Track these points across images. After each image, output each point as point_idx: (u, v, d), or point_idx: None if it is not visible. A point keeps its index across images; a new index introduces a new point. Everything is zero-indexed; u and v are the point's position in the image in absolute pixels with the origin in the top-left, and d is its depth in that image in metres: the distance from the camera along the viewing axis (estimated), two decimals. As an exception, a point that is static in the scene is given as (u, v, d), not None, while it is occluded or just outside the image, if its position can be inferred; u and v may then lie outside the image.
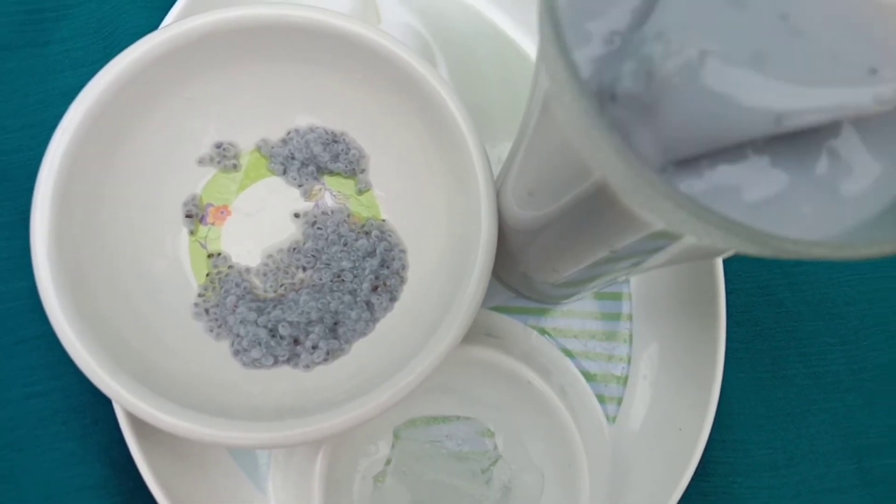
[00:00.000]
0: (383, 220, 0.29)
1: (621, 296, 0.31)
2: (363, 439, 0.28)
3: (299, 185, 0.29)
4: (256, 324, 0.26)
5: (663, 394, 0.30)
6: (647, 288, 0.31)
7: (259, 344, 0.26)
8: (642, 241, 0.16)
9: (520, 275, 0.28)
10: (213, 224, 0.28)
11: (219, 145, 0.28)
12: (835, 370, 0.32)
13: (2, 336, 0.29)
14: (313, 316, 0.27)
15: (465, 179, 0.25)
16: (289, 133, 0.29)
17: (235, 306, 0.27)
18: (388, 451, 0.28)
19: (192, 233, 0.28)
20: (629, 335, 0.31)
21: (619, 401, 0.30)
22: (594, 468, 0.28)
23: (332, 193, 0.29)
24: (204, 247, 0.28)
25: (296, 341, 0.26)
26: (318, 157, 0.28)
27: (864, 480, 0.31)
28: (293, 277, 0.28)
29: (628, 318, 0.31)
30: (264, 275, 0.28)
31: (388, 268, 0.28)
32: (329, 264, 0.28)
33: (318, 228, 0.28)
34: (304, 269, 0.28)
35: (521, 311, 0.31)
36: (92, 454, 0.28)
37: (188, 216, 0.28)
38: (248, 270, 0.28)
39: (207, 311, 0.27)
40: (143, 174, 0.26)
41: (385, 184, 0.29)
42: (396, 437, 0.28)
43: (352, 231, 0.28)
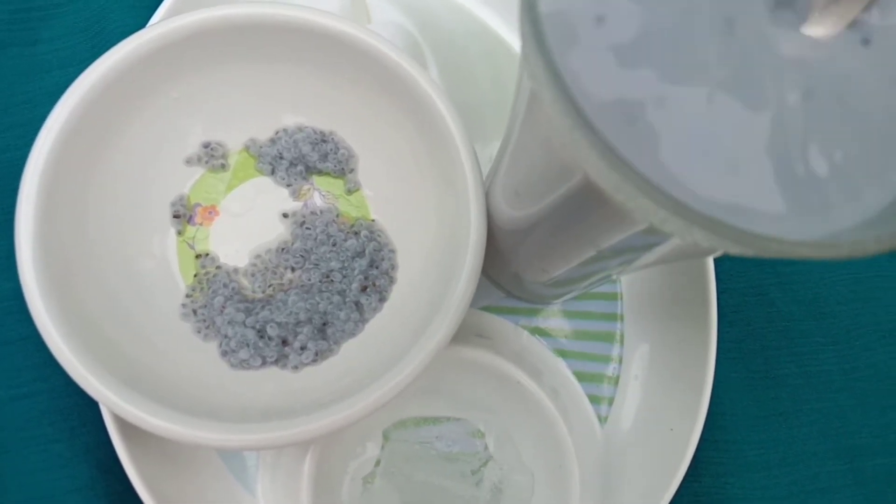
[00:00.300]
0: (372, 221, 0.29)
1: (613, 296, 0.31)
2: (352, 440, 0.28)
3: (288, 185, 0.29)
4: (244, 325, 0.26)
5: (655, 394, 0.30)
6: (638, 288, 0.31)
7: (247, 345, 0.26)
8: (628, 240, 0.16)
9: (510, 274, 0.28)
10: (201, 224, 0.28)
11: (206, 145, 0.28)
12: (827, 370, 0.32)
13: (-12, 337, 0.29)
14: (302, 317, 0.26)
15: (454, 179, 0.25)
16: (277, 133, 0.28)
17: (223, 307, 0.26)
18: (378, 453, 0.28)
19: (179, 233, 0.27)
20: (620, 335, 0.31)
21: (611, 401, 0.30)
22: (585, 469, 0.28)
23: (321, 193, 0.29)
24: (192, 247, 0.28)
25: (284, 342, 0.26)
26: (306, 157, 0.28)
27: (856, 480, 0.31)
28: (282, 278, 0.28)
29: (620, 318, 0.31)
30: (252, 275, 0.27)
31: (377, 268, 0.27)
32: (318, 265, 0.28)
33: (307, 228, 0.28)
34: (293, 269, 0.28)
35: (511, 311, 0.31)
36: (79, 456, 0.28)
37: (176, 216, 0.27)
38: (236, 271, 0.28)
39: (195, 311, 0.27)
40: (130, 174, 0.26)
41: (374, 184, 0.29)
42: (386, 438, 0.28)
43: (341, 231, 0.28)
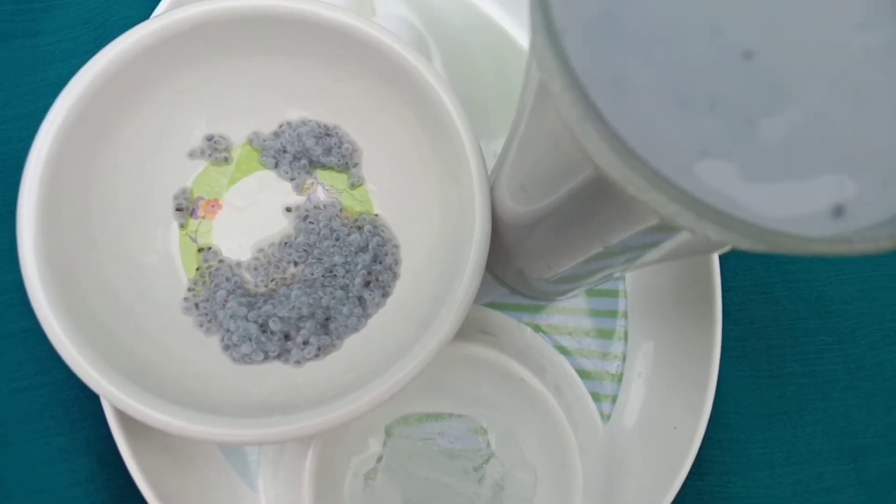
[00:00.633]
0: (376, 215, 0.28)
1: (617, 293, 0.31)
2: (354, 436, 0.28)
3: (291, 179, 0.28)
4: (247, 319, 0.26)
5: (658, 392, 0.30)
6: (642, 285, 0.31)
7: (249, 339, 0.26)
8: (636, 236, 0.16)
9: (515, 271, 0.28)
10: (203, 218, 0.28)
11: (210, 138, 0.28)
12: (832, 369, 0.32)
13: (-10, 330, 0.29)
14: (304, 311, 0.26)
15: (458, 174, 0.25)
16: (281, 126, 0.28)
17: (226, 301, 0.26)
18: (380, 449, 0.28)
19: (182, 226, 0.27)
20: (624, 332, 0.31)
21: (614, 399, 0.30)
22: (588, 466, 0.27)
23: (325, 187, 0.29)
24: (194, 241, 0.27)
25: (286, 337, 0.26)
26: (310, 151, 0.28)
27: (860, 480, 0.31)
28: (284, 272, 0.27)
29: (624, 315, 0.31)
30: (255, 269, 0.27)
31: (380, 263, 0.27)
32: (321, 259, 0.27)
33: (310, 223, 0.28)
34: (296, 263, 0.27)
35: (515, 308, 0.31)
36: (80, 449, 0.28)
37: (178, 210, 0.27)
38: (238, 265, 0.27)
39: (197, 305, 0.26)
40: (133, 167, 0.26)
41: (378, 178, 0.29)
42: (388, 434, 0.28)
43: (344, 226, 0.28)
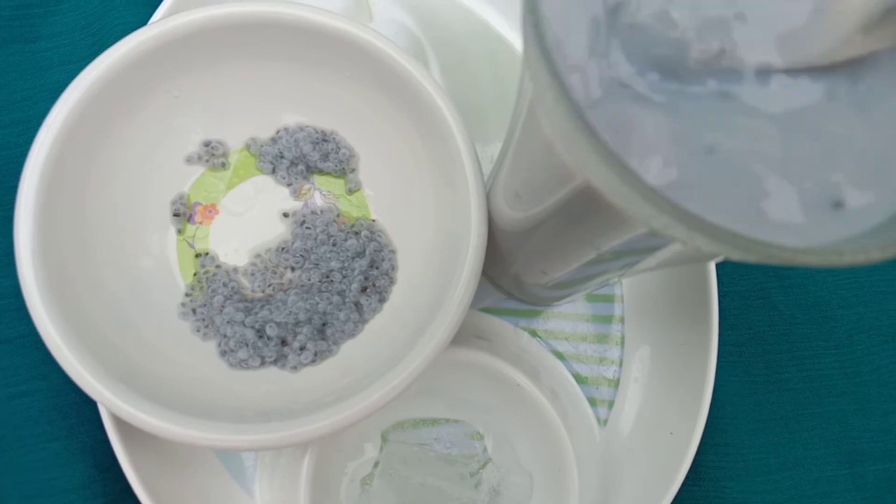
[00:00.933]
0: (373, 220, 0.28)
1: (613, 298, 0.31)
2: (351, 441, 0.28)
3: (288, 185, 0.28)
4: (244, 324, 0.26)
5: (655, 397, 0.30)
6: (639, 290, 0.31)
7: (246, 345, 0.26)
8: (629, 244, 0.16)
9: (511, 276, 0.28)
10: (200, 223, 0.28)
11: (207, 143, 0.28)
12: (828, 374, 0.32)
13: (-13, 335, 0.29)
14: (301, 317, 0.26)
15: (454, 179, 0.25)
16: (278, 132, 0.28)
17: (223, 306, 0.26)
18: (376, 454, 0.28)
19: (179, 232, 0.27)
20: (621, 338, 0.31)
21: (611, 404, 0.30)
22: (584, 472, 0.27)
23: (322, 193, 0.29)
24: (191, 246, 0.27)
25: (283, 342, 0.26)
26: (307, 156, 0.28)
27: (856, 485, 0.31)
28: (281, 277, 0.27)
29: (620, 320, 0.31)
30: (252, 275, 0.27)
31: (377, 268, 0.27)
32: (318, 264, 0.27)
33: (307, 228, 0.28)
34: (293, 269, 0.28)
35: (511, 313, 0.31)
36: (77, 455, 0.28)
37: (176, 215, 0.27)
38: (235, 270, 0.27)
39: (194, 311, 0.26)
40: (130, 172, 0.26)
41: (375, 183, 0.29)
42: (384, 439, 0.28)
43: (341, 231, 0.28)
